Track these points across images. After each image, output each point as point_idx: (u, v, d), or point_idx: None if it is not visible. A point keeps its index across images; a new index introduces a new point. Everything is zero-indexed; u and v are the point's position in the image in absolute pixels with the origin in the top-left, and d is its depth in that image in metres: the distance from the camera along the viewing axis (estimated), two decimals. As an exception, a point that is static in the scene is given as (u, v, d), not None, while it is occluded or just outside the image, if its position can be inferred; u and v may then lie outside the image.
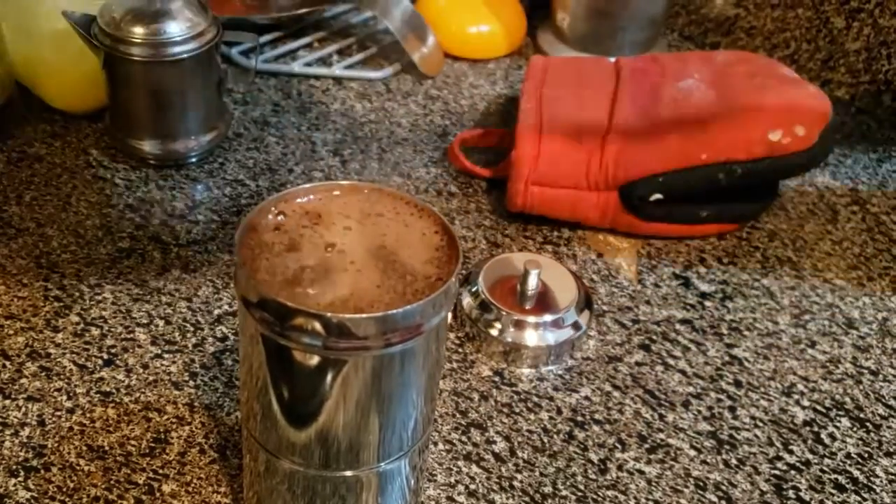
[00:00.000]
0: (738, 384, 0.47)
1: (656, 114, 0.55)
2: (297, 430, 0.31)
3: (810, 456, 0.44)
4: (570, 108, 0.56)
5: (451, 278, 0.30)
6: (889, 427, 0.46)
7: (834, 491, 0.43)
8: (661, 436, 0.44)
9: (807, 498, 0.42)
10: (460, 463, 0.42)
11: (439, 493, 0.41)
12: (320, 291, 0.29)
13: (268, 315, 0.29)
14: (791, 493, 0.42)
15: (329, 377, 0.30)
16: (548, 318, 0.47)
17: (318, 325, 0.28)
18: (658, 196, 0.53)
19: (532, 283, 0.47)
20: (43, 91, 0.60)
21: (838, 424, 0.46)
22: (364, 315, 0.28)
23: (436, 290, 0.29)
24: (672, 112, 0.55)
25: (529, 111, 0.56)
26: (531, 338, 0.47)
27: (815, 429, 0.45)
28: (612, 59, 0.62)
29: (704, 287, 0.53)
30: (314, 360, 0.29)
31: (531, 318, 0.47)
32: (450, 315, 0.31)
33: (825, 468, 0.43)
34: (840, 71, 0.70)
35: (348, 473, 0.33)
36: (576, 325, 0.48)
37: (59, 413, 0.42)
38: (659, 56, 0.61)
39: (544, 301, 0.48)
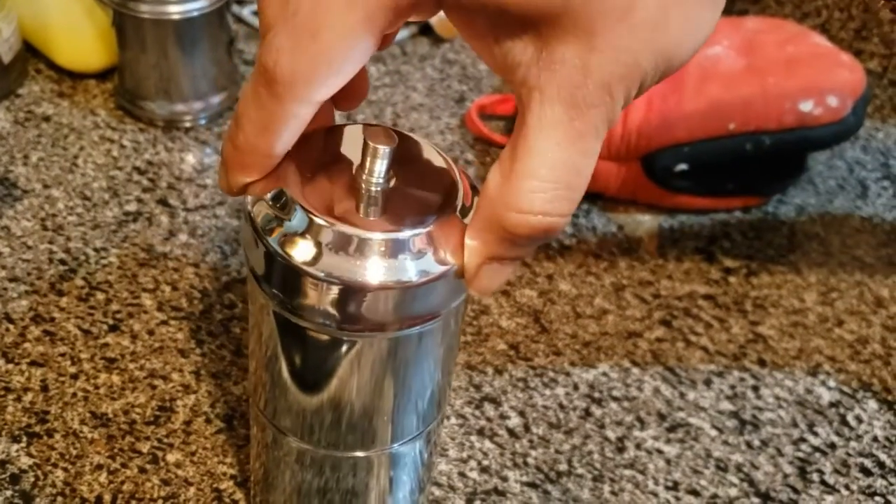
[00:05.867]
0: (762, 363, 0.46)
1: (682, 81, 0.53)
2: (306, 409, 0.30)
3: (836, 438, 0.42)
4: (593, 75, 0.54)
5: None
6: (918, 410, 0.44)
7: (859, 475, 0.41)
8: (682, 414, 0.43)
9: (831, 481, 0.41)
10: (473, 438, 0.41)
11: (451, 469, 0.40)
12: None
13: (278, 291, 0.27)
14: (815, 476, 0.41)
15: (341, 358, 0.28)
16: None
17: (331, 308, 0.26)
18: (683, 167, 0.51)
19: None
20: (50, 50, 0.59)
21: (865, 406, 0.44)
22: (380, 300, 0.26)
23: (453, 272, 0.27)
24: (699, 80, 0.53)
25: (550, 77, 0.54)
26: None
27: (842, 410, 0.44)
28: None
29: (728, 262, 0.51)
30: (326, 339, 0.28)
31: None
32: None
33: (851, 451, 0.42)
34: (873, 41, 0.67)
35: (359, 454, 0.31)
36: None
37: (62, 378, 0.41)
38: (686, 22, 0.59)
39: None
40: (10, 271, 0.46)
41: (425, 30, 0.66)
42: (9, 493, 0.37)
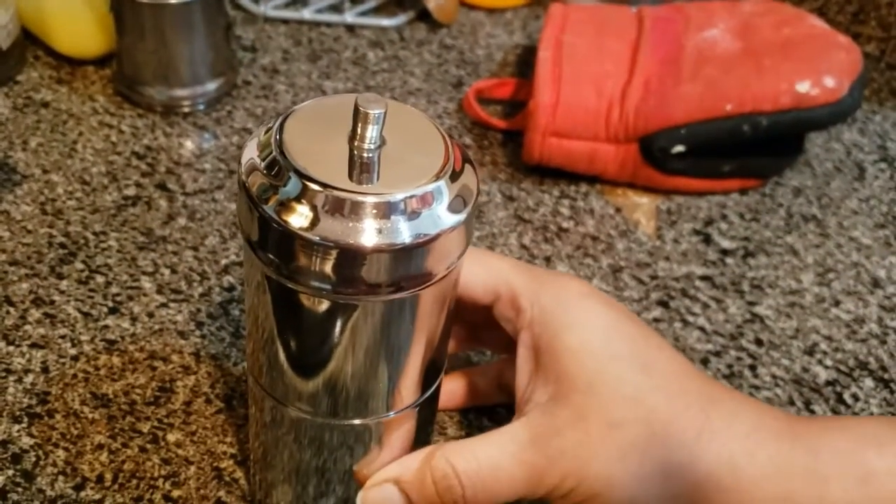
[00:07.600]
0: (758, 342, 0.46)
1: (679, 64, 0.53)
2: (305, 377, 0.30)
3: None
4: (590, 58, 0.54)
5: (463, 223, 0.29)
6: (914, 388, 0.44)
7: (856, 452, 0.41)
8: (679, 393, 0.43)
9: (828, 458, 0.41)
10: (471, 415, 0.41)
11: (450, 447, 0.40)
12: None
13: (274, 257, 0.27)
14: (811, 453, 0.41)
15: (338, 323, 0.29)
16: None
17: (327, 269, 0.27)
18: (680, 148, 0.51)
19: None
20: (49, 36, 0.59)
21: (861, 385, 0.44)
22: (374, 258, 0.27)
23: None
24: (696, 62, 0.53)
25: (547, 60, 0.54)
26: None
27: (838, 389, 0.44)
28: (635, 9, 0.60)
29: (726, 243, 0.51)
30: (322, 304, 0.28)
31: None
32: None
33: (847, 429, 0.42)
34: (871, 24, 0.67)
35: (356, 422, 0.32)
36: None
37: (63, 360, 0.42)
38: (683, 5, 0.59)
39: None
40: (10, 255, 0.46)
41: (423, 15, 0.66)
42: (10, 472, 0.37)
